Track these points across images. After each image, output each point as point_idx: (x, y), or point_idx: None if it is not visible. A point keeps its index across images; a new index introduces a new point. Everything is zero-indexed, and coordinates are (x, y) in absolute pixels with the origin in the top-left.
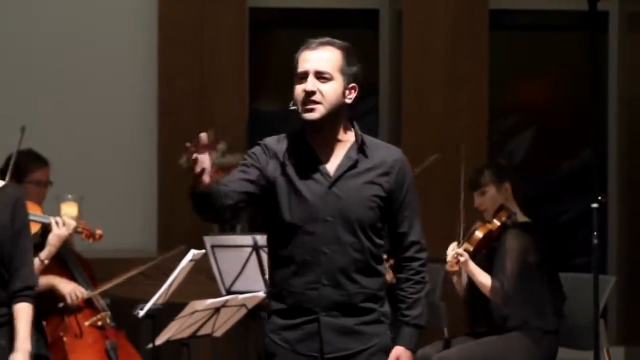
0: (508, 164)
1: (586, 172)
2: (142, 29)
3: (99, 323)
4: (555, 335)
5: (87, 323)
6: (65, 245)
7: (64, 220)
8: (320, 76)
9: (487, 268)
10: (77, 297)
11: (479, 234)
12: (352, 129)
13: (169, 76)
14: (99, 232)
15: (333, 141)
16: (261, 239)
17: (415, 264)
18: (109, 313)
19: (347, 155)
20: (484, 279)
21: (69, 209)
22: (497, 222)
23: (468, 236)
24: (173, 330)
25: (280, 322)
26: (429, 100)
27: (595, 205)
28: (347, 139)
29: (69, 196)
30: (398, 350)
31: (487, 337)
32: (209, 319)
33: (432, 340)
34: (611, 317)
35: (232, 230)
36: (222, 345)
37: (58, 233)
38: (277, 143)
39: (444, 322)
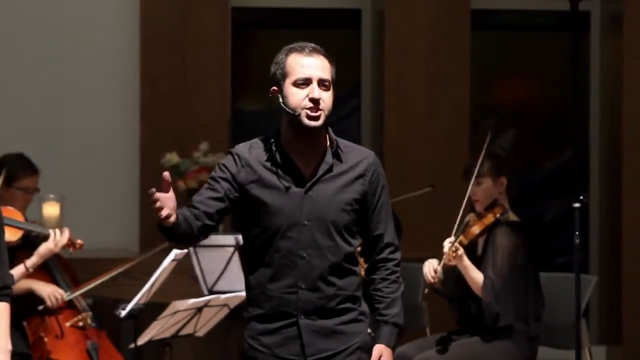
0: (506, 154)
1: (568, 171)
2: (125, 29)
3: (80, 323)
4: (536, 340)
5: (68, 323)
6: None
7: (59, 237)
8: (322, 84)
9: (471, 261)
10: (57, 299)
11: (476, 229)
12: (327, 133)
13: (151, 76)
14: (79, 242)
15: (310, 146)
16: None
17: (390, 264)
18: (90, 313)
19: (323, 160)
20: (476, 275)
21: (51, 209)
22: (492, 218)
23: (462, 229)
24: (155, 330)
25: (258, 327)
26: (411, 100)
27: (577, 205)
28: (323, 144)
29: (51, 196)
30: (379, 349)
31: (468, 337)
32: (191, 318)
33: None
34: (593, 316)
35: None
36: (204, 345)
37: (51, 247)
38: (249, 150)
39: (426, 322)
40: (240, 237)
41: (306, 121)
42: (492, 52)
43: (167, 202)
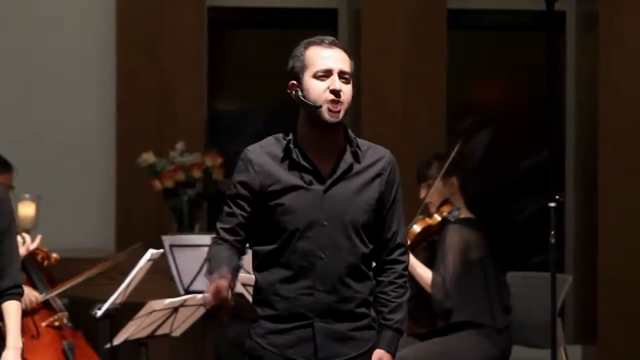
0: (457, 154)
1: (544, 171)
2: (101, 29)
3: (56, 323)
4: (507, 331)
5: (44, 324)
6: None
7: (27, 237)
8: (342, 76)
9: (427, 262)
10: (31, 302)
11: (416, 228)
12: (345, 131)
13: (127, 76)
14: (54, 255)
15: (328, 144)
16: None
17: (399, 267)
18: (66, 313)
19: (341, 159)
20: (423, 271)
21: (26, 209)
22: (437, 217)
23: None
24: (131, 330)
25: (269, 326)
26: (387, 100)
27: (552, 204)
28: (341, 141)
29: (26, 196)
30: (379, 354)
31: (439, 337)
32: (167, 318)
33: None
34: (568, 315)
35: (190, 230)
36: (181, 345)
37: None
38: (260, 152)
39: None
40: None
41: (326, 116)
42: (469, 52)
43: (223, 289)
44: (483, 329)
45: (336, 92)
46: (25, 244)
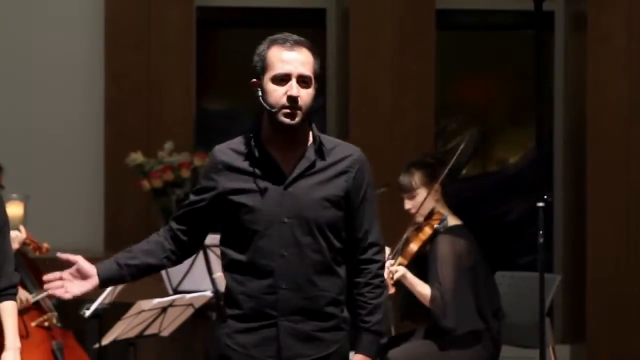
0: (435, 160)
1: (532, 171)
2: (89, 28)
3: (46, 323)
4: (498, 335)
5: (33, 324)
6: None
7: (17, 232)
8: (301, 80)
9: (418, 273)
10: (21, 302)
11: (413, 247)
12: (309, 129)
13: (116, 75)
14: (45, 245)
15: (292, 142)
16: (208, 239)
17: (374, 267)
18: (55, 313)
19: (304, 156)
20: (422, 289)
21: (15, 209)
22: (429, 230)
23: (401, 248)
24: (120, 330)
25: (236, 325)
26: (376, 100)
27: (540, 204)
28: (305, 140)
29: (15, 195)
30: (358, 358)
31: (434, 337)
32: (155, 318)
33: None
34: (557, 315)
35: None
36: (169, 345)
37: None
38: (227, 151)
39: (390, 321)
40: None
41: (283, 119)
42: (457, 51)
43: (74, 277)
44: (475, 333)
45: (292, 99)
46: (18, 237)
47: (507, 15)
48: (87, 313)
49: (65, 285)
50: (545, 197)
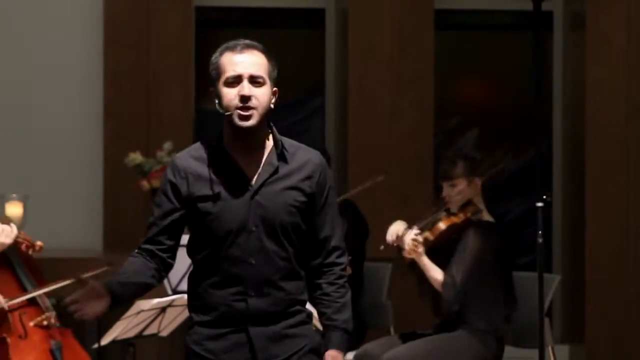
0: (481, 158)
1: (531, 171)
2: (88, 29)
3: (44, 323)
4: (502, 340)
5: (31, 323)
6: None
7: (7, 228)
8: (254, 80)
9: (441, 260)
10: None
11: (442, 225)
12: (271, 133)
13: (115, 76)
14: (39, 243)
15: (253, 147)
16: None
17: (337, 269)
18: (54, 313)
19: (267, 162)
20: (436, 274)
21: (14, 209)
22: (462, 216)
23: (430, 224)
24: (119, 330)
25: (204, 332)
26: (374, 100)
27: (540, 204)
28: (267, 144)
29: (14, 195)
30: (331, 354)
31: (436, 335)
32: (155, 318)
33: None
34: (556, 315)
35: None
36: (168, 345)
37: (1, 241)
38: (188, 158)
39: (390, 321)
40: None
41: (237, 121)
42: (456, 52)
43: (88, 298)
44: (480, 333)
45: (244, 98)
46: (5, 230)
47: (505, 15)
48: None
49: (82, 308)
50: (545, 197)
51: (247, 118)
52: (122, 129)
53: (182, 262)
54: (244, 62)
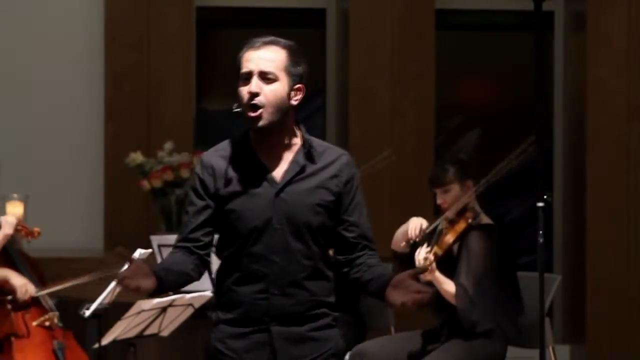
0: (470, 160)
1: (532, 171)
2: (89, 29)
3: (47, 323)
4: (508, 341)
5: (34, 323)
6: (13, 244)
7: (6, 219)
8: (264, 77)
9: (444, 267)
10: (26, 292)
11: (449, 238)
12: (299, 132)
13: (116, 76)
14: (36, 229)
15: (279, 145)
16: None
17: (371, 261)
18: (57, 313)
19: (294, 160)
20: (449, 287)
21: (15, 209)
22: (463, 224)
23: (436, 239)
24: (119, 330)
25: (228, 330)
26: (376, 100)
27: (540, 204)
28: (294, 142)
29: (15, 195)
30: (403, 275)
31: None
32: (155, 318)
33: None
34: (557, 315)
35: (179, 230)
36: (169, 345)
37: (3, 232)
38: (215, 156)
39: (391, 321)
40: None
41: (249, 122)
42: (457, 52)
43: (136, 274)
44: (494, 337)
45: (251, 94)
46: (9, 222)
47: (506, 15)
48: (87, 313)
49: (129, 282)
50: (545, 197)
51: (257, 119)
52: (122, 128)
53: None
54: (257, 58)
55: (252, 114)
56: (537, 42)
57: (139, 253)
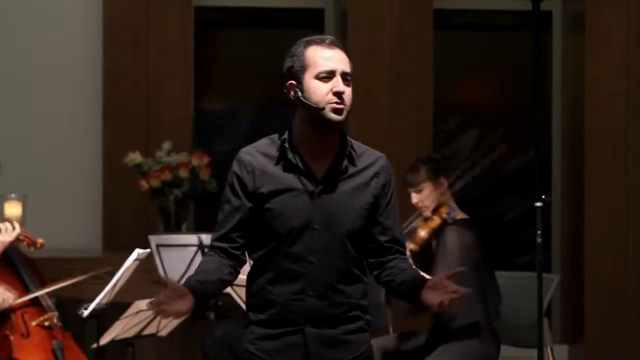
0: (441, 156)
1: (530, 171)
2: (87, 29)
3: (46, 323)
4: (498, 336)
5: (34, 323)
6: (12, 245)
7: (9, 226)
8: (345, 77)
9: (421, 264)
10: (4, 302)
11: (423, 233)
12: (342, 133)
13: (114, 76)
14: (40, 240)
15: (325, 146)
16: (206, 239)
17: (402, 265)
18: (56, 313)
19: (335, 161)
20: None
21: (13, 209)
22: (437, 219)
23: (410, 235)
24: (118, 330)
25: (259, 331)
26: (374, 99)
27: (539, 204)
28: (337, 143)
29: (13, 195)
30: (438, 277)
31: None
32: (153, 318)
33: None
34: (555, 315)
35: (177, 230)
36: (167, 345)
37: (2, 239)
38: (254, 154)
39: (388, 321)
40: (203, 236)
41: (331, 115)
42: (455, 51)
43: (171, 297)
44: (481, 334)
45: (339, 95)
46: (8, 229)
47: (504, 15)
48: (85, 313)
49: (166, 308)
50: (544, 197)
51: (339, 112)
52: (121, 128)
53: (181, 262)
54: (336, 57)
55: (339, 107)
56: (536, 41)
57: (136, 253)
